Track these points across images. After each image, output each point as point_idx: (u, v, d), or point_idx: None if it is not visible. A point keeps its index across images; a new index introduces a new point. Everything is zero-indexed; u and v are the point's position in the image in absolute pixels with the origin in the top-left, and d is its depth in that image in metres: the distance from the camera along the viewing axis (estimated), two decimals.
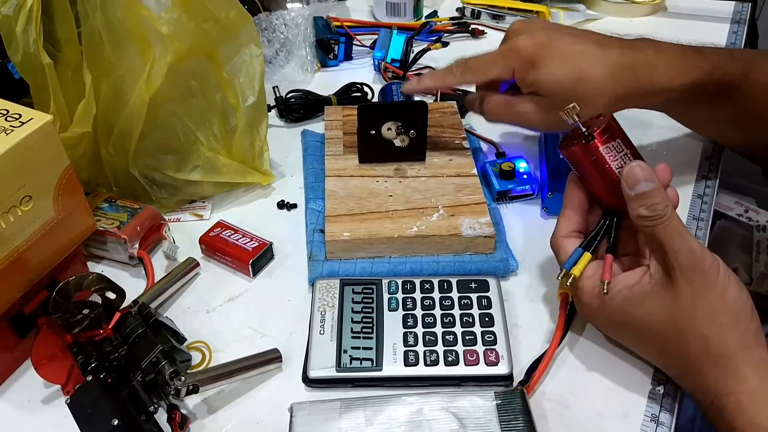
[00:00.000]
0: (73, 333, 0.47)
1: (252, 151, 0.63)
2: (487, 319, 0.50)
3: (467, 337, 0.49)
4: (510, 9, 0.92)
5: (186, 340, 0.51)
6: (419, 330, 0.50)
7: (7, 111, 0.45)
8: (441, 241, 0.55)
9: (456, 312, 0.51)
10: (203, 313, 0.54)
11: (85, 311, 0.47)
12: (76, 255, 0.52)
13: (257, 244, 0.57)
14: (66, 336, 0.47)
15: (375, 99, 0.76)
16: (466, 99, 0.64)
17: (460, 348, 0.48)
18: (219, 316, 0.54)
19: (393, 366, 0.48)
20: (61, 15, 0.52)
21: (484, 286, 0.53)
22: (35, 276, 0.48)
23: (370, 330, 0.50)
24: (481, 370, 0.47)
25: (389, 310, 0.51)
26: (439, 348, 0.49)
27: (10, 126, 0.44)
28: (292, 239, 0.60)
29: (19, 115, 0.45)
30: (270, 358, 0.49)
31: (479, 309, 0.51)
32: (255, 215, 0.63)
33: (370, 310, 0.51)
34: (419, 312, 0.51)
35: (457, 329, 0.50)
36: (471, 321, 0.50)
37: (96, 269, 0.57)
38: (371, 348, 0.49)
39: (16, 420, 0.47)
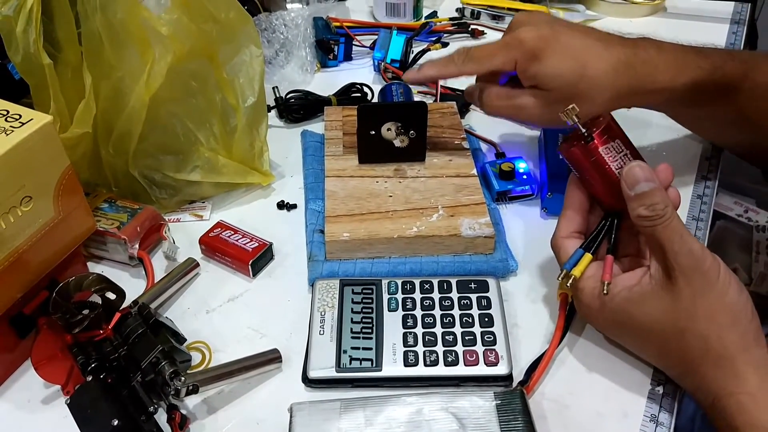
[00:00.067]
0: (73, 333, 0.47)
1: (252, 152, 0.63)
2: (487, 320, 0.50)
3: (467, 338, 0.49)
4: (509, 9, 0.92)
5: (186, 340, 0.51)
6: (419, 330, 0.50)
7: (8, 111, 0.45)
8: (440, 242, 0.55)
9: (456, 312, 0.51)
10: (203, 314, 0.54)
11: (85, 311, 0.47)
12: (76, 255, 0.52)
13: (257, 244, 0.57)
14: (66, 336, 0.47)
15: (375, 99, 0.76)
16: (465, 90, 0.63)
17: (459, 348, 0.48)
18: (219, 316, 0.54)
19: (393, 366, 0.48)
20: (61, 16, 0.52)
21: (483, 286, 0.53)
22: (35, 276, 0.48)
23: (369, 330, 0.50)
24: (481, 370, 0.47)
25: (389, 310, 0.51)
26: (439, 348, 0.49)
27: (10, 126, 0.44)
28: (291, 239, 0.60)
29: (20, 116, 0.45)
30: (270, 358, 0.49)
31: (479, 309, 0.51)
32: (255, 216, 0.63)
33: (369, 310, 0.51)
34: (419, 312, 0.51)
35: (457, 329, 0.50)
36: (471, 321, 0.50)
37: (96, 270, 0.57)
38: (371, 348, 0.49)
39: (16, 420, 0.47)
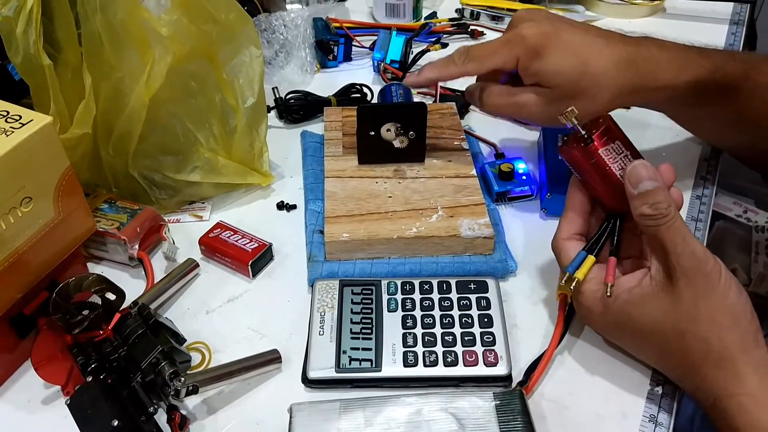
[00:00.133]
0: (73, 334, 0.47)
1: (251, 152, 0.63)
2: (486, 320, 0.50)
3: (466, 338, 0.49)
4: (509, 10, 0.92)
5: (186, 340, 0.51)
6: (418, 331, 0.50)
7: (8, 112, 0.45)
8: (440, 242, 0.55)
9: (455, 313, 0.51)
10: (203, 314, 0.54)
11: (85, 312, 0.47)
12: (76, 256, 0.53)
13: (257, 245, 0.57)
14: (66, 337, 0.47)
15: (374, 100, 0.76)
16: (466, 90, 0.63)
17: (459, 349, 0.49)
18: (219, 316, 0.54)
19: (392, 367, 0.48)
20: (61, 16, 0.52)
21: (483, 287, 0.53)
22: (35, 277, 0.49)
23: (369, 331, 0.50)
24: (480, 370, 0.47)
25: (388, 311, 0.51)
26: (438, 349, 0.49)
27: (10, 127, 0.44)
28: (291, 240, 0.60)
29: (20, 117, 0.45)
30: (269, 358, 0.49)
31: (478, 310, 0.51)
32: (254, 216, 0.63)
33: (369, 311, 0.51)
34: (418, 313, 0.51)
35: (456, 330, 0.50)
36: (470, 322, 0.50)
37: (96, 270, 0.57)
38: (370, 349, 0.49)
39: (16, 420, 0.47)
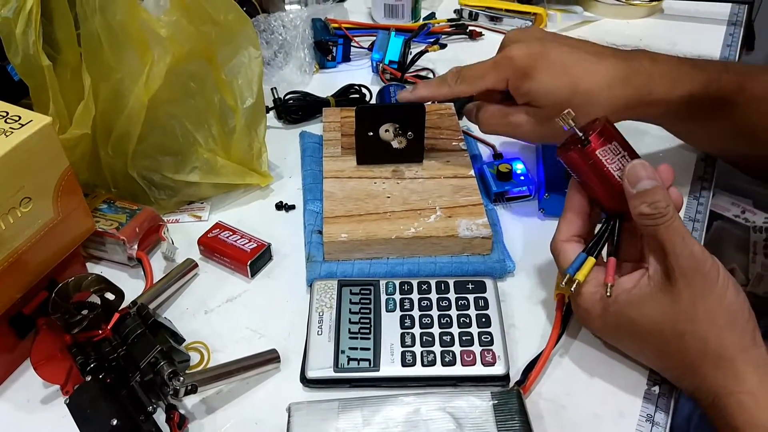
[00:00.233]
0: (72, 333, 0.47)
1: (250, 153, 0.63)
2: (484, 320, 0.50)
3: (464, 338, 0.49)
4: (507, 11, 0.92)
5: (184, 340, 0.51)
6: (416, 331, 0.50)
7: (7, 113, 0.45)
8: (438, 243, 0.55)
9: (453, 313, 0.51)
10: (202, 314, 0.54)
11: (84, 312, 0.47)
12: (75, 256, 0.53)
13: (255, 245, 0.57)
14: (65, 336, 0.47)
15: (373, 101, 0.76)
16: (464, 110, 0.63)
17: (457, 348, 0.49)
18: (217, 316, 0.54)
19: (390, 366, 0.48)
20: (61, 17, 0.52)
21: (481, 287, 0.53)
22: (35, 277, 0.49)
23: (367, 331, 0.50)
24: (478, 370, 0.48)
25: (387, 310, 0.52)
26: (436, 348, 0.49)
27: (9, 128, 0.44)
28: (290, 240, 0.60)
29: (19, 117, 0.45)
30: (268, 358, 0.49)
31: (476, 310, 0.51)
32: (253, 216, 0.63)
33: (367, 310, 0.52)
34: (416, 313, 0.51)
35: (454, 330, 0.50)
36: (468, 322, 0.50)
37: (95, 270, 0.57)
38: (369, 348, 0.49)
39: (15, 420, 0.47)
